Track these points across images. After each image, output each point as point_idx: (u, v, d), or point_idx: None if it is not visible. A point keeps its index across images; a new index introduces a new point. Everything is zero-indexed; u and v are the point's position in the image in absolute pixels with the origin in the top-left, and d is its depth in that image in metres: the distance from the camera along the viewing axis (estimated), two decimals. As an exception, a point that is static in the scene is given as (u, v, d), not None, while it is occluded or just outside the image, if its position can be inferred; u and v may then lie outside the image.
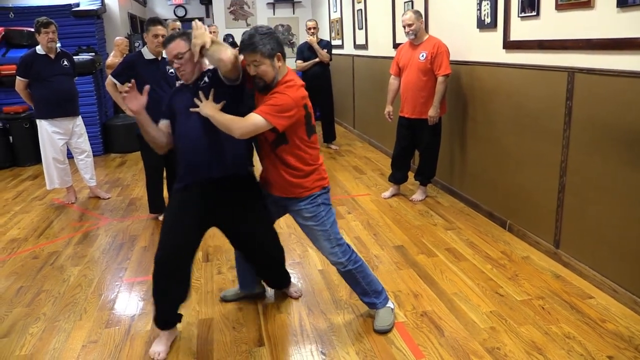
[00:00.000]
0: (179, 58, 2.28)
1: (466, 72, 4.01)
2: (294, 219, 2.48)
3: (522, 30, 3.27)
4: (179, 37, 2.30)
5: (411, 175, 4.54)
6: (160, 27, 3.72)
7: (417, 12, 4.03)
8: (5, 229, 4.11)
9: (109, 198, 4.83)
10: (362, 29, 6.79)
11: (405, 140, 4.28)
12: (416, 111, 4.07)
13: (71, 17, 6.80)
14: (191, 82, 2.36)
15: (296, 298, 2.79)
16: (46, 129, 4.45)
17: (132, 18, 9.15)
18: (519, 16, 3.27)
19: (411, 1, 4.96)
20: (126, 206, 4.59)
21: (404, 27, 4.03)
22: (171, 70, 3.74)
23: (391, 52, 5.33)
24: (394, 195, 4.47)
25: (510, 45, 3.40)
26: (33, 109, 4.58)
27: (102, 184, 5.29)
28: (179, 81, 2.46)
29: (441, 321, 2.51)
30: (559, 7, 2.89)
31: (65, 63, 4.48)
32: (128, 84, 2.34)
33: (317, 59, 6.16)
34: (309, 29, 6.19)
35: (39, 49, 4.34)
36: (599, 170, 2.71)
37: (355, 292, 2.54)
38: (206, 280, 3.06)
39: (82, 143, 4.67)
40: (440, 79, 3.90)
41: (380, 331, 2.43)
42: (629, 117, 2.47)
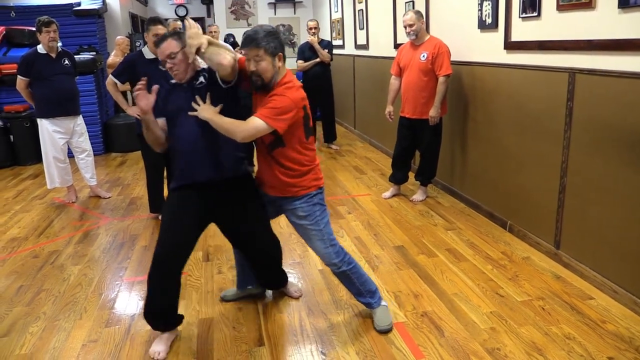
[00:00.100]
0: (171, 58, 2.25)
1: (467, 73, 4.01)
2: (287, 219, 2.47)
3: (523, 30, 3.27)
4: (171, 36, 2.27)
5: (412, 175, 4.54)
6: (160, 27, 3.71)
7: (418, 13, 4.03)
8: (5, 227, 4.11)
9: (109, 197, 4.83)
10: (363, 29, 6.79)
11: (406, 140, 4.28)
12: (417, 111, 4.07)
13: (72, 16, 6.81)
14: (185, 81, 2.33)
15: (296, 298, 2.79)
16: (47, 128, 4.45)
17: (133, 17, 9.16)
18: (520, 17, 3.27)
19: (412, 1, 4.96)
20: (127, 205, 4.59)
21: (405, 27, 4.03)
22: None
23: (392, 53, 5.33)
24: (394, 196, 4.47)
25: (511, 45, 3.40)
26: (34, 108, 4.58)
27: (102, 183, 5.29)
28: (172, 80, 2.42)
29: (441, 321, 2.51)
30: (560, 7, 2.88)
31: (66, 62, 4.48)
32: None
33: (318, 59, 6.16)
34: (310, 29, 6.19)
35: (40, 48, 4.35)
36: (599, 171, 2.70)
37: (350, 292, 2.55)
38: (206, 279, 3.06)
39: (83, 142, 4.67)
40: (441, 79, 3.90)
41: (382, 331, 2.43)
42: (630, 118, 2.47)
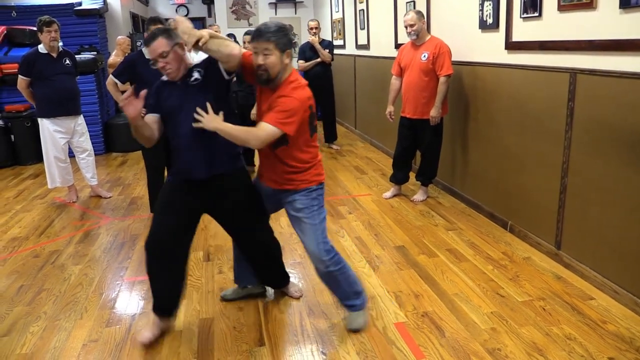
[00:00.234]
0: (163, 57, 2.23)
1: (468, 73, 4.00)
2: (286, 212, 2.46)
3: (524, 31, 3.27)
4: (160, 35, 2.25)
5: (412, 175, 4.54)
6: (161, 27, 3.71)
7: (419, 13, 4.02)
8: (6, 227, 4.12)
9: (110, 197, 4.83)
10: (364, 29, 6.78)
11: (406, 140, 4.28)
12: (418, 111, 4.07)
13: (73, 16, 6.82)
14: (179, 79, 2.32)
15: (297, 298, 2.79)
16: (48, 127, 4.46)
17: (134, 17, 9.16)
18: (521, 17, 3.26)
19: (413, 1, 4.95)
20: (127, 205, 4.59)
21: (406, 27, 4.02)
22: None
23: (393, 53, 5.33)
24: (395, 196, 4.46)
25: (512, 46, 3.40)
26: (35, 107, 4.59)
27: (103, 183, 5.29)
28: (163, 78, 2.40)
29: (442, 322, 2.51)
30: (561, 7, 2.88)
31: (67, 62, 4.48)
32: (128, 89, 2.30)
33: (318, 59, 6.16)
34: (311, 29, 6.19)
35: (41, 48, 4.35)
36: (600, 171, 2.70)
37: (336, 297, 2.53)
38: (207, 279, 3.06)
39: (84, 142, 4.68)
40: (442, 79, 3.90)
41: (352, 329, 2.45)
42: (631, 118, 2.47)
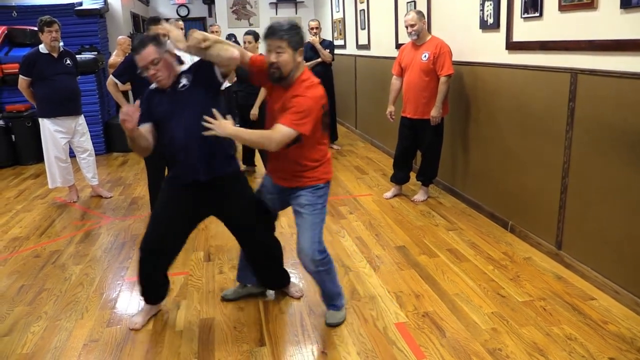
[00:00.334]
0: (154, 64, 2.22)
1: (468, 73, 4.00)
2: (291, 206, 2.46)
3: (524, 31, 3.27)
4: (150, 42, 2.24)
5: (413, 175, 4.54)
6: (161, 27, 3.71)
7: (419, 13, 4.02)
8: (7, 227, 4.12)
9: (110, 197, 4.84)
10: (364, 29, 6.78)
11: (407, 140, 4.28)
12: (418, 111, 4.07)
13: (74, 16, 6.83)
14: (168, 86, 2.31)
15: (297, 298, 2.79)
16: (48, 127, 4.46)
17: (134, 17, 9.16)
18: (521, 17, 3.26)
19: (414, 1, 4.95)
20: (128, 205, 4.59)
21: (407, 27, 4.02)
22: None
23: (393, 53, 5.32)
24: (395, 196, 4.46)
25: (513, 46, 3.40)
26: (35, 107, 4.59)
27: (104, 182, 5.29)
28: (150, 86, 2.40)
29: (442, 322, 2.51)
30: (562, 8, 2.88)
31: (68, 62, 4.48)
32: (128, 89, 2.29)
33: (319, 59, 6.15)
34: (312, 29, 6.19)
35: (42, 48, 4.35)
36: (601, 171, 2.70)
37: (322, 295, 2.55)
38: (207, 279, 3.06)
39: (85, 142, 4.68)
40: (442, 79, 3.90)
41: (330, 324, 2.50)
42: (632, 118, 2.47)
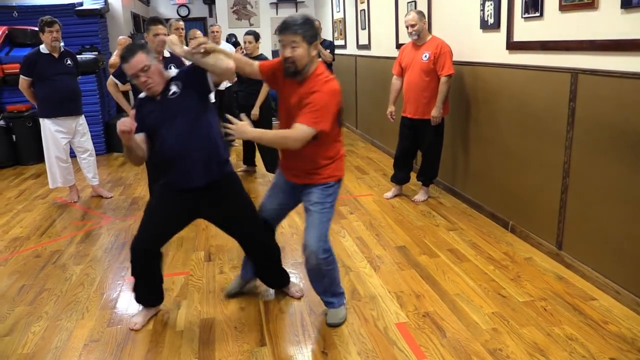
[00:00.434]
0: (145, 70, 2.22)
1: (469, 73, 4.00)
2: (303, 201, 2.46)
3: (525, 31, 3.26)
4: (139, 49, 2.24)
5: (413, 175, 4.54)
6: (160, 27, 3.70)
7: (420, 13, 4.02)
8: (7, 227, 4.12)
9: (111, 197, 4.84)
10: (365, 29, 6.78)
11: (407, 140, 4.28)
12: (419, 111, 4.07)
13: (75, 16, 6.83)
14: (158, 94, 2.30)
15: (298, 298, 2.79)
16: (49, 127, 4.46)
17: (135, 17, 9.17)
18: (522, 17, 3.26)
19: (414, 1, 4.95)
20: (128, 205, 4.59)
21: (407, 27, 4.02)
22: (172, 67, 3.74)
23: (394, 53, 5.32)
24: (396, 196, 4.46)
25: (513, 46, 3.40)
26: (36, 107, 4.59)
27: (104, 183, 5.29)
28: (140, 95, 2.40)
29: (443, 322, 2.51)
30: (563, 8, 2.88)
31: (69, 62, 4.49)
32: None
33: (319, 59, 6.15)
34: (312, 28, 6.18)
35: (43, 48, 4.35)
36: (602, 171, 2.70)
37: (314, 289, 2.54)
38: (208, 280, 3.06)
39: (85, 142, 4.68)
40: (443, 79, 3.90)
41: (331, 325, 2.48)
42: (633, 118, 2.46)
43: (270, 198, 2.60)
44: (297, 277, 3.03)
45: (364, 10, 6.72)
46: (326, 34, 8.49)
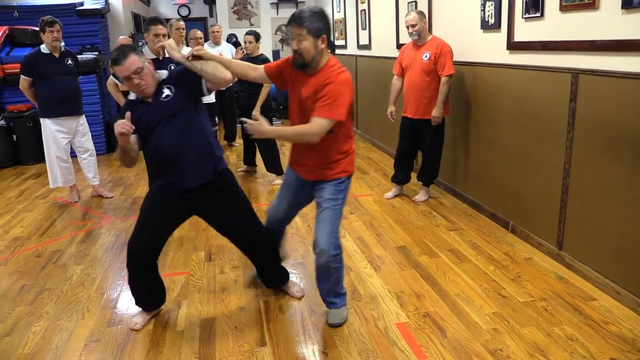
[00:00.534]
0: (138, 72, 2.23)
1: (470, 73, 4.00)
2: (315, 197, 2.46)
3: (526, 31, 3.26)
4: (130, 52, 2.25)
5: (414, 175, 4.54)
6: (160, 27, 3.70)
7: (420, 13, 4.02)
8: (8, 227, 4.12)
9: (111, 197, 4.84)
10: (365, 29, 6.78)
11: (408, 140, 4.28)
12: (419, 111, 4.07)
13: (75, 16, 6.82)
14: (149, 96, 2.31)
15: (298, 298, 2.79)
16: (50, 127, 4.46)
17: (135, 17, 9.17)
18: (523, 17, 3.26)
19: (415, 1, 4.95)
20: (129, 205, 4.59)
21: (408, 27, 4.02)
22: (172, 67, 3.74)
23: (394, 53, 5.32)
24: (396, 196, 4.46)
25: (514, 46, 3.40)
26: (37, 107, 4.59)
27: (105, 182, 5.30)
28: (130, 97, 2.39)
29: (443, 322, 2.51)
30: (563, 8, 2.88)
31: (69, 62, 4.49)
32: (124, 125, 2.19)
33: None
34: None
35: (43, 48, 4.35)
36: (602, 171, 2.70)
37: (319, 288, 2.54)
38: (208, 280, 3.06)
39: (86, 142, 4.68)
40: (443, 79, 3.90)
41: (333, 325, 2.49)
42: (633, 118, 2.46)
43: (280, 198, 2.61)
44: (298, 277, 3.03)
45: (364, 10, 6.72)
46: (327, 34, 8.49)
